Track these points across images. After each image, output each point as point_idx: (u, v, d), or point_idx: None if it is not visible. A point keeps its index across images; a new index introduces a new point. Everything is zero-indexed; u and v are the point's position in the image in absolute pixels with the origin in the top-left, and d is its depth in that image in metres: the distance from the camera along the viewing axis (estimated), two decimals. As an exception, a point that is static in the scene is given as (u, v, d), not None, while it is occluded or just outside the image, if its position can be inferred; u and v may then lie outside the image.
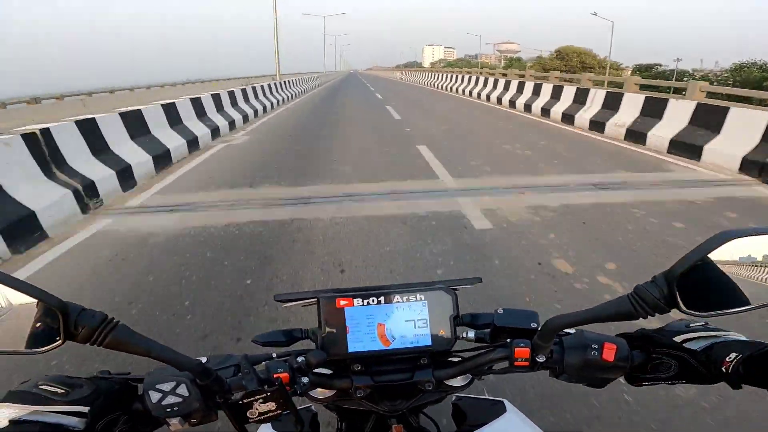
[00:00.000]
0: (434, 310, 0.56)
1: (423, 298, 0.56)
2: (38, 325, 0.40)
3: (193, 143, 6.64)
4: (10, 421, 0.41)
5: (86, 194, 4.02)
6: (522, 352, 0.52)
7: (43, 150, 3.86)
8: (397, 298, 0.55)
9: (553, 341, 0.52)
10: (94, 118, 4.68)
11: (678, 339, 0.51)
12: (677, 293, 0.40)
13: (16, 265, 2.95)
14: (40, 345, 0.41)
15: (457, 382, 0.58)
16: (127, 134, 5.21)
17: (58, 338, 0.40)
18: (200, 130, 7.15)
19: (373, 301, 0.55)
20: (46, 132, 3.93)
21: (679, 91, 8.29)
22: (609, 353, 0.50)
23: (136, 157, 5.06)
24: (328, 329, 0.54)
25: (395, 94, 19.82)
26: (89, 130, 4.52)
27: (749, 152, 5.01)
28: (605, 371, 0.52)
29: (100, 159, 4.53)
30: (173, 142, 6.07)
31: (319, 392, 0.58)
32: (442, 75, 23.86)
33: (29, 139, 3.73)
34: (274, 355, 0.55)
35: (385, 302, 0.55)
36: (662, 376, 0.51)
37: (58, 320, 0.40)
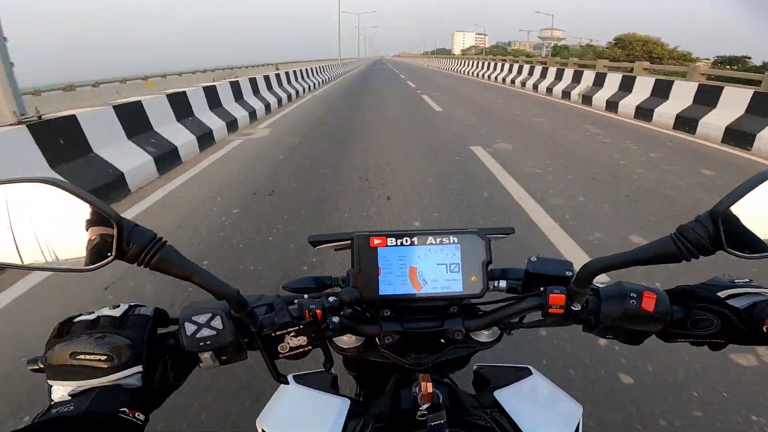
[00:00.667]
0: (467, 254, 0.55)
1: (456, 241, 0.55)
2: (92, 238, 0.40)
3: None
4: (69, 394, 0.41)
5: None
6: (557, 298, 0.51)
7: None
8: (430, 240, 0.55)
9: (589, 288, 0.50)
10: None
11: (722, 294, 0.50)
12: (722, 232, 0.39)
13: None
14: (91, 262, 0.40)
15: (486, 337, 0.58)
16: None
17: (109, 254, 0.40)
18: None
19: (406, 242, 0.55)
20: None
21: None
22: (649, 302, 0.49)
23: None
24: (360, 269, 0.54)
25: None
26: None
27: None
28: (643, 323, 0.50)
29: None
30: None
31: (345, 341, 0.58)
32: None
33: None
34: (305, 296, 0.56)
35: (419, 243, 0.55)
36: (702, 332, 0.49)
37: (111, 235, 0.40)
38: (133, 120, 4.78)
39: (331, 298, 0.53)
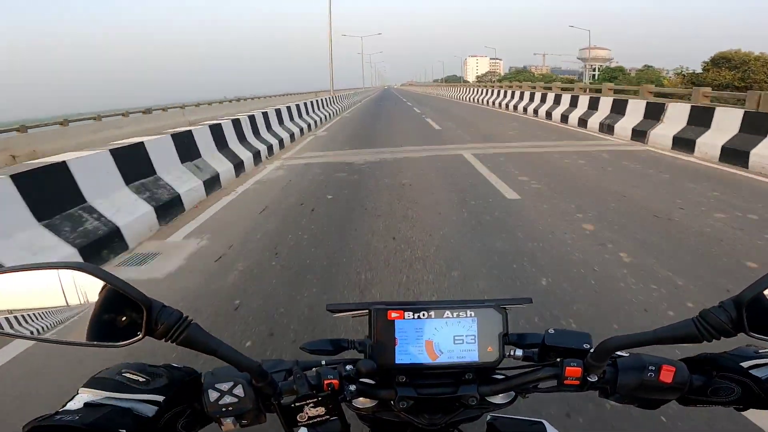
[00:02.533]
0: (483, 327, 0.56)
1: (473, 315, 0.56)
2: (123, 319, 0.43)
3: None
4: (85, 404, 0.45)
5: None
6: (573, 371, 0.52)
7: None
8: (447, 313, 0.56)
9: (606, 361, 0.51)
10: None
11: (745, 365, 0.50)
12: (745, 318, 0.41)
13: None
14: (121, 339, 0.43)
15: (500, 399, 0.58)
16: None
17: (139, 333, 0.42)
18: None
19: (423, 315, 0.56)
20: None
21: None
22: (667, 375, 0.49)
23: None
24: (377, 340, 0.56)
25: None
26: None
27: None
28: (661, 393, 0.50)
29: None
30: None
31: (361, 402, 0.59)
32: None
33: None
34: (323, 362, 0.57)
35: (435, 317, 0.56)
36: (722, 400, 0.50)
37: (141, 315, 0.42)
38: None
39: (348, 367, 0.55)
